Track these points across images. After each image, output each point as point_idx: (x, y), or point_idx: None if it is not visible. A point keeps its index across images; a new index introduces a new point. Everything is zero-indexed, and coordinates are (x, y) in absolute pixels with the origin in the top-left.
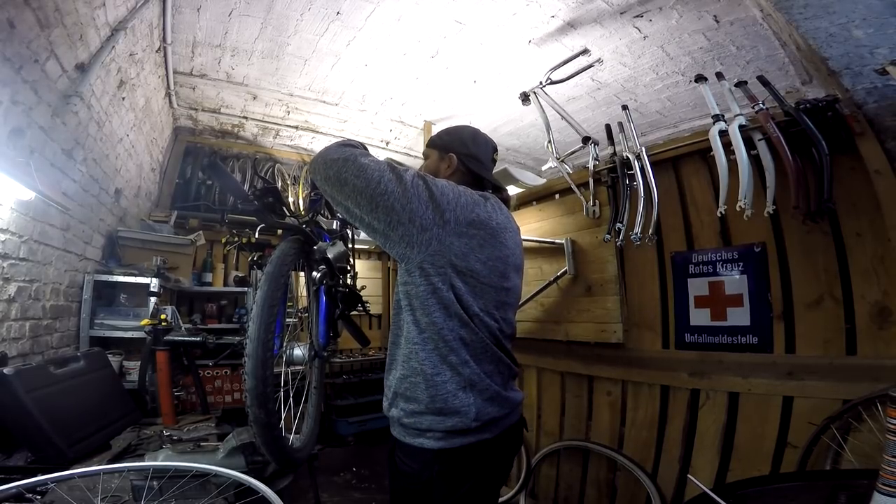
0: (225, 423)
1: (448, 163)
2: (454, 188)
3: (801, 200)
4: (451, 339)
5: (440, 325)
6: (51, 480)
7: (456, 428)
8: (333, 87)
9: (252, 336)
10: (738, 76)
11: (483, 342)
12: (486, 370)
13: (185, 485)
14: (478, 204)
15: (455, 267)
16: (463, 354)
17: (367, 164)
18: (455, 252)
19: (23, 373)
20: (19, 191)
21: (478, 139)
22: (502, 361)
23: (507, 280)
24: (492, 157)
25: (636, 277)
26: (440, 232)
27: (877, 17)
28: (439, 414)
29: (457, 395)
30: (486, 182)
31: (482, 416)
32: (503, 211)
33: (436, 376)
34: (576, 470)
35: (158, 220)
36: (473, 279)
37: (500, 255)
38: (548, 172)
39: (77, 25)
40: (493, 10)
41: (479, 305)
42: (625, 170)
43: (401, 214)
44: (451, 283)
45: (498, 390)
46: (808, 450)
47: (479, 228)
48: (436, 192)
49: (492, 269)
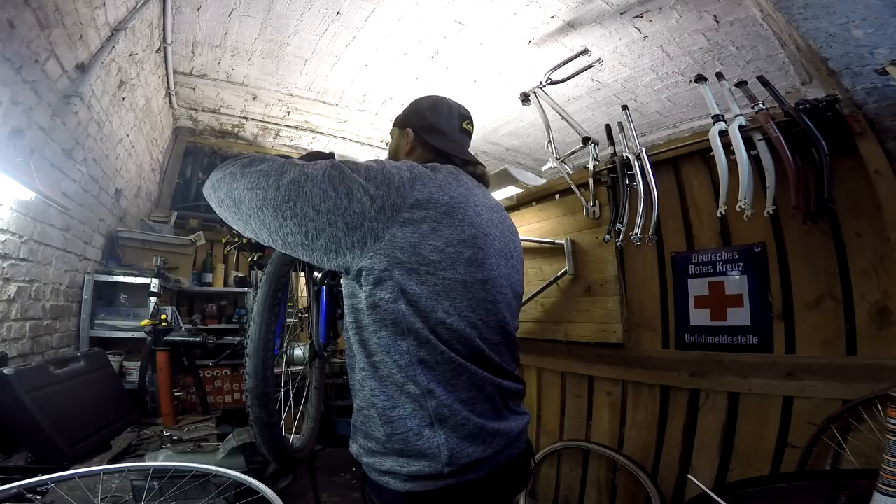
0: (225, 423)
1: (406, 139)
2: (384, 166)
3: (801, 200)
4: (404, 364)
5: (389, 347)
6: (51, 480)
7: (423, 473)
8: (333, 87)
9: (253, 336)
10: (738, 76)
11: (453, 362)
12: (461, 398)
13: (186, 485)
14: (419, 178)
15: (403, 265)
16: (423, 382)
17: (259, 170)
18: (399, 246)
19: (23, 373)
20: (19, 191)
21: (438, 107)
22: (488, 382)
23: (482, 269)
24: (459, 126)
25: (636, 277)
26: (373, 225)
27: (877, 17)
28: (400, 455)
29: (421, 434)
30: (453, 157)
31: (458, 458)
32: (462, 182)
33: (390, 410)
34: (576, 470)
35: (158, 220)
36: (432, 275)
37: (464, 237)
38: (548, 172)
39: (77, 25)
40: (493, 10)
41: (445, 309)
42: (625, 170)
43: (316, 219)
44: (402, 289)
45: (482, 423)
46: (808, 450)
47: (426, 209)
48: (357, 178)
49: (454, 256)
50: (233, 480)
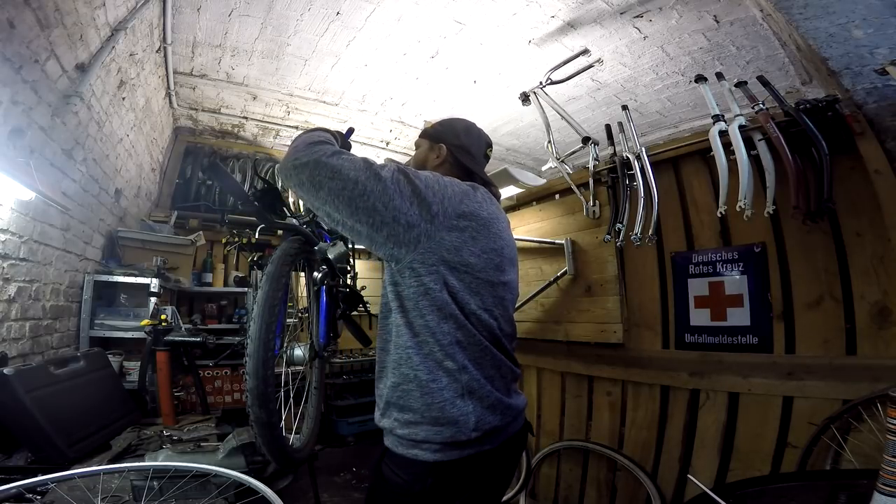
0: (225, 423)
1: (437, 153)
2: (439, 179)
3: (801, 200)
4: (446, 343)
5: (434, 328)
6: (51, 480)
7: (454, 439)
8: (333, 87)
9: (253, 336)
10: (738, 76)
11: (481, 344)
12: (486, 375)
13: (186, 485)
14: (466, 194)
15: (448, 263)
16: (460, 359)
17: (342, 165)
18: (446, 247)
19: (23, 373)
20: (19, 191)
21: (471, 132)
22: (503, 364)
23: (503, 274)
24: (484, 152)
25: (636, 277)
26: (429, 227)
27: (877, 17)
28: (436, 424)
29: (454, 404)
30: (476, 177)
31: (482, 425)
32: (493, 202)
33: (431, 383)
34: (576, 470)
35: (158, 220)
36: (469, 274)
37: (495, 246)
38: (548, 172)
39: (77, 25)
40: (493, 10)
41: (477, 303)
42: (625, 170)
43: (384, 214)
44: (445, 282)
45: (500, 397)
46: (808, 450)
47: (469, 220)
48: (419, 186)
49: (487, 262)
50: (233, 480)
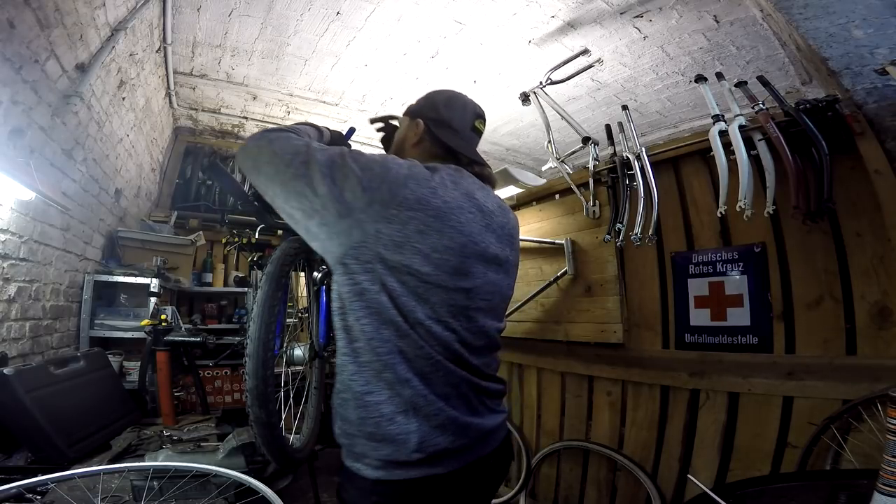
0: (225, 423)
1: (415, 130)
2: (385, 160)
3: (801, 200)
4: (385, 353)
5: (371, 335)
6: (51, 480)
7: (393, 458)
8: (333, 87)
9: (253, 336)
10: (738, 76)
11: (431, 358)
12: (438, 391)
13: (186, 485)
14: (414, 177)
15: (386, 262)
16: (402, 371)
17: (282, 148)
18: (384, 242)
19: (23, 373)
20: (19, 191)
21: (453, 103)
22: (465, 381)
23: (466, 277)
24: (472, 125)
25: (636, 277)
26: (361, 217)
27: (877, 17)
28: (371, 439)
29: (394, 420)
30: (461, 156)
31: (427, 446)
32: (462, 185)
33: (367, 395)
34: (576, 470)
35: (158, 220)
36: (413, 277)
37: (453, 244)
38: (548, 172)
39: (77, 25)
40: (493, 10)
41: (425, 312)
42: (625, 170)
43: (313, 201)
44: (383, 283)
45: (455, 416)
46: (808, 450)
47: (415, 210)
48: (356, 169)
49: (438, 263)
50: (233, 480)
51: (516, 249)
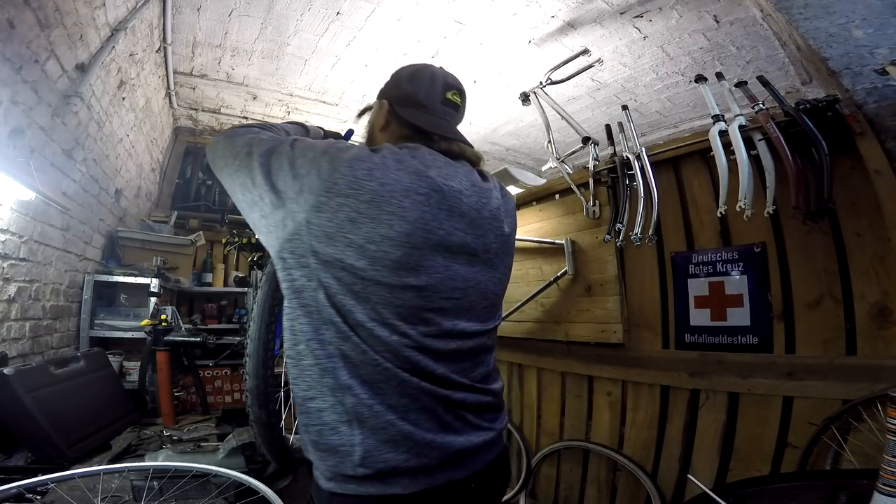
0: (225, 423)
1: (381, 112)
2: (325, 146)
3: (801, 200)
4: (324, 356)
5: (310, 336)
6: (51, 480)
7: (339, 471)
8: (333, 87)
9: (253, 336)
10: (738, 76)
11: (379, 365)
12: (390, 403)
13: (186, 485)
14: (349, 161)
15: (319, 255)
16: (344, 377)
17: (236, 142)
18: (316, 234)
19: (23, 373)
20: (19, 191)
21: (419, 76)
22: (427, 393)
23: (419, 273)
24: (443, 97)
25: (636, 277)
26: (293, 207)
27: (877, 17)
28: (317, 448)
29: (336, 430)
30: (433, 136)
31: (373, 462)
32: (410, 165)
33: (308, 402)
34: (576, 470)
35: (158, 220)
36: (348, 273)
37: (393, 233)
38: (548, 172)
39: (77, 25)
40: (493, 10)
41: (366, 313)
42: (625, 170)
43: (253, 191)
44: (319, 279)
45: (409, 431)
46: (808, 450)
47: (346, 196)
48: (292, 156)
49: (376, 256)
50: (233, 480)
51: (505, 234)
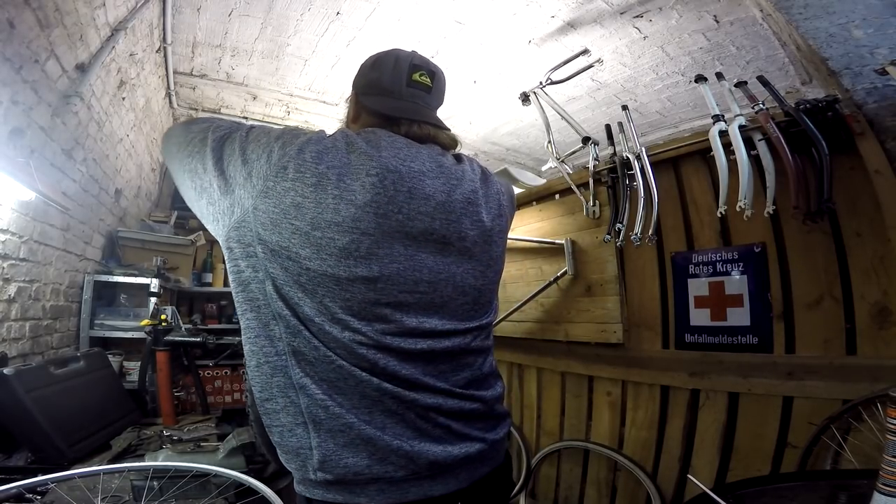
0: (225, 423)
1: (351, 103)
2: (280, 132)
3: (801, 200)
4: (273, 354)
5: (258, 331)
6: (51, 480)
7: (302, 476)
8: (333, 87)
9: None
10: (738, 76)
11: (333, 363)
12: (349, 404)
13: (186, 485)
14: (299, 144)
15: (265, 243)
16: (297, 376)
17: (192, 127)
18: (262, 220)
19: (23, 373)
20: (19, 191)
21: (381, 62)
22: (391, 396)
23: (370, 262)
24: (408, 79)
25: (636, 277)
26: (241, 193)
27: (877, 17)
28: (280, 450)
29: (293, 432)
30: (402, 121)
31: (332, 467)
32: (357, 145)
33: (265, 402)
34: (576, 470)
35: (158, 220)
36: (293, 262)
37: (339, 218)
38: (548, 172)
39: (77, 25)
40: (493, 10)
41: (314, 307)
42: (625, 170)
43: (203, 177)
44: (267, 270)
45: (371, 435)
46: (808, 450)
47: (293, 180)
48: (244, 141)
49: (321, 243)
50: (233, 480)
51: (484, 222)
